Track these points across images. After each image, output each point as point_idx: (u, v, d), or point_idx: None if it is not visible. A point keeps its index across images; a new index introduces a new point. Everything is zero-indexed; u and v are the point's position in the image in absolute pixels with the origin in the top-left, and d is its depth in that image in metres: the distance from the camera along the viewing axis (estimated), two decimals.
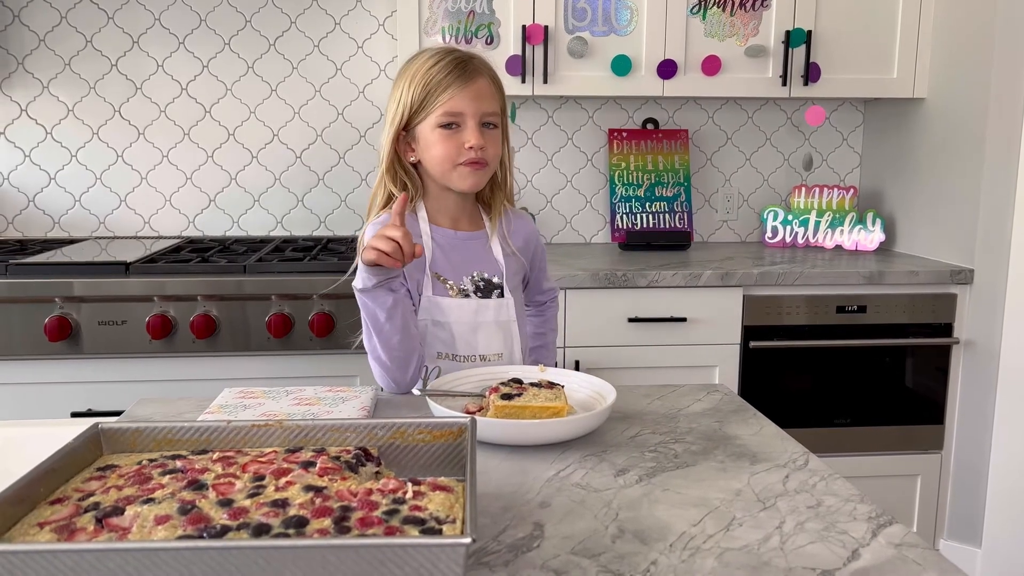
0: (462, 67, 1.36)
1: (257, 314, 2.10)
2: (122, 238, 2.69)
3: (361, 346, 1.46)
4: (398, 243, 1.22)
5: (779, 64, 2.52)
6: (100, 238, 2.67)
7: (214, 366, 2.10)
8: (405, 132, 1.41)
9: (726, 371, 2.35)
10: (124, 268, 2.13)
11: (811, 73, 2.51)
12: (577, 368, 2.24)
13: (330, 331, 2.11)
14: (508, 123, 1.47)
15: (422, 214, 1.46)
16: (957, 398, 2.42)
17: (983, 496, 2.36)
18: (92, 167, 2.68)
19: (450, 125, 1.37)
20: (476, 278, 1.45)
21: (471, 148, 1.36)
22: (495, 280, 1.46)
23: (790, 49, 2.50)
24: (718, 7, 2.50)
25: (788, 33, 2.49)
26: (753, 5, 2.50)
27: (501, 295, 1.46)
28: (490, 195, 1.51)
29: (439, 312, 1.43)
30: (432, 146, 1.38)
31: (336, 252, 2.40)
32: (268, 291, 2.11)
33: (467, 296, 1.44)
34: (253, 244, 2.54)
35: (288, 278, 2.12)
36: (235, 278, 2.12)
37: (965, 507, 2.42)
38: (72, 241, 2.58)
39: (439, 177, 1.41)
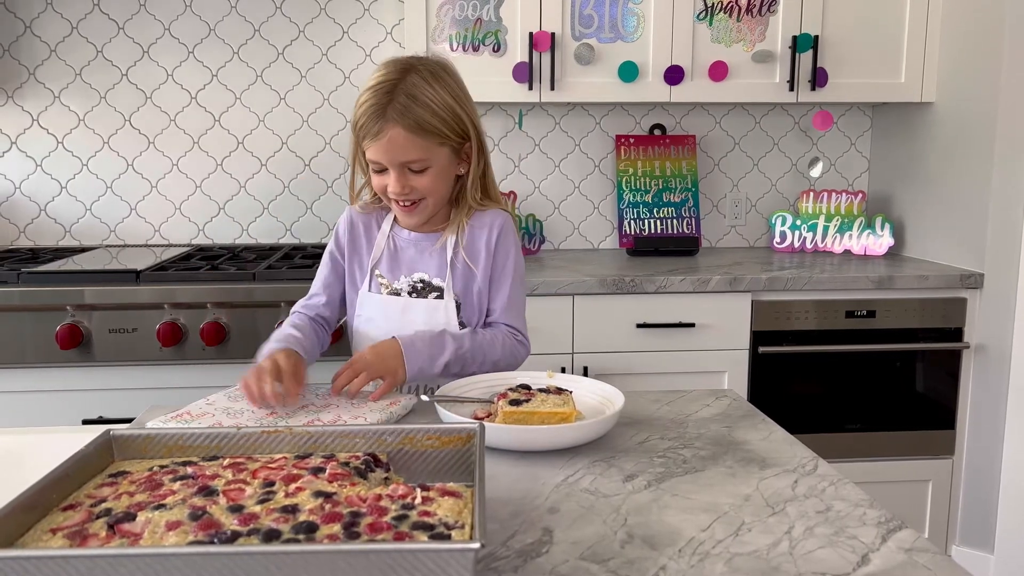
0: (375, 117, 1.30)
1: (267, 321, 2.10)
2: (132, 246, 2.70)
3: None
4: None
5: (786, 69, 2.52)
6: (111, 246, 2.69)
7: (224, 373, 2.10)
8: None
9: (735, 376, 2.35)
10: (135, 276, 2.14)
11: (818, 78, 2.51)
12: (585, 374, 2.24)
13: (340, 337, 2.11)
14: (476, 132, 1.39)
15: (392, 213, 1.47)
16: (968, 403, 2.41)
17: (995, 501, 2.35)
18: (103, 176, 2.70)
19: (377, 165, 1.36)
20: (415, 279, 1.45)
21: (393, 192, 1.36)
22: (435, 282, 1.44)
23: (797, 54, 2.50)
24: (725, 13, 2.50)
25: (795, 38, 2.49)
26: (760, 10, 2.51)
27: (439, 298, 1.44)
28: (455, 204, 1.46)
29: (369, 308, 1.46)
30: (371, 176, 1.40)
31: None
32: (278, 298, 2.11)
33: (397, 295, 1.45)
34: (262, 251, 2.56)
35: (297, 285, 2.13)
36: (245, 285, 2.13)
37: (977, 512, 2.41)
38: (83, 249, 2.59)
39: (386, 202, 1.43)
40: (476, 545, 0.67)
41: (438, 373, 1.37)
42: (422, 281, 1.45)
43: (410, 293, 1.45)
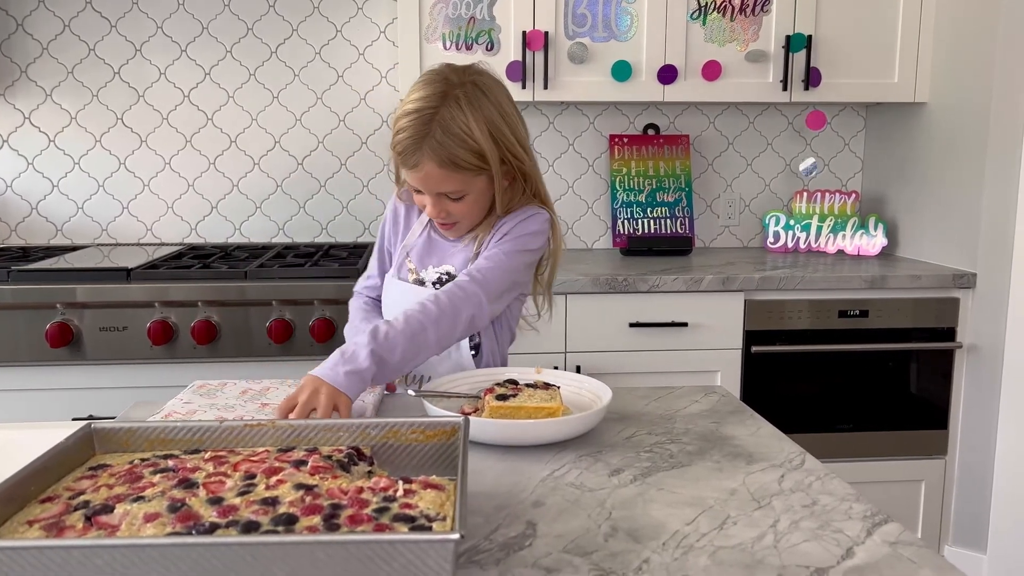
0: (411, 150, 1.28)
1: (258, 320, 2.10)
2: (124, 245, 2.70)
3: None
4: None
5: (780, 69, 2.52)
6: (102, 245, 2.68)
7: (215, 372, 2.10)
8: None
9: (728, 376, 2.34)
10: (125, 274, 2.13)
11: (812, 78, 2.51)
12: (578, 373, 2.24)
13: (331, 336, 2.11)
14: (516, 156, 1.35)
15: None
16: (961, 403, 2.41)
17: (988, 501, 2.34)
18: (95, 174, 2.69)
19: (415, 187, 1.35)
20: (442, 271, 1.45)
21: (430, 215, 1.38)
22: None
23: (791, 54, 2.50)
24: (718, 12, 2.50)
25: (788, 38, 2.49)
26: (753, 10, 2.51)
27: None
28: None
29: (391, 294, 1.48)
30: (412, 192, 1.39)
31: (337, 258, 2.40)
32: (269, 297, 2.11)
33: (422, 284, 1.45)
34: (255, 250, 2.55)
35: (289, 284, 2.13)
36: (236, 284, 2.12)
37: (970, 512, 2.41)
38: (74, 248, 2.58)
39: None
40: (455, 536, 0.66)
41: (368, 364, 1.16)
42: (448, 274, 1.45)
43: (435, 284, 1.45)
